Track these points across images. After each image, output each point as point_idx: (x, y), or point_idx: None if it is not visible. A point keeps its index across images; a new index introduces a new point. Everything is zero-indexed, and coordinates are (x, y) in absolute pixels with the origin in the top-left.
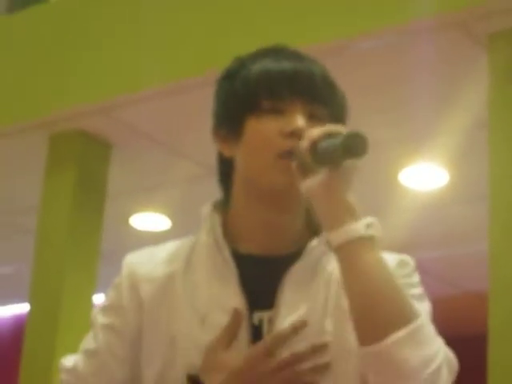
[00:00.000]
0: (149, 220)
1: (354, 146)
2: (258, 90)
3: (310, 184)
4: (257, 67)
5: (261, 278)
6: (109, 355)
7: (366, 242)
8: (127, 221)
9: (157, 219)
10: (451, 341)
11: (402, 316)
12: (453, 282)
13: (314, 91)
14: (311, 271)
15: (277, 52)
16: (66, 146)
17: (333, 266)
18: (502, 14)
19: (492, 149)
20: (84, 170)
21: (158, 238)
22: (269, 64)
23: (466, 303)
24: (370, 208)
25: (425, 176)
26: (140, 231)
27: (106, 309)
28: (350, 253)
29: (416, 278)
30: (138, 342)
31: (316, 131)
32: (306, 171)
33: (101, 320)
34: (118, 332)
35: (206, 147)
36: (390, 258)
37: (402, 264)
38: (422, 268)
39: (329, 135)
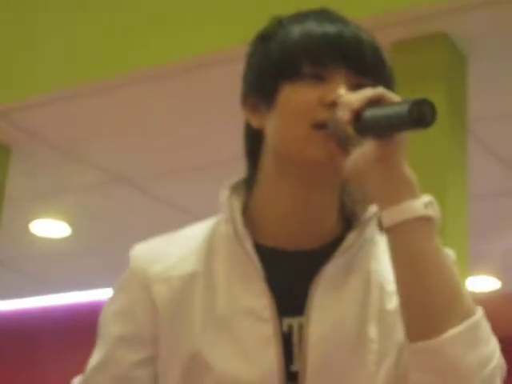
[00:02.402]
0: (48, 226)
1: (424, 115)
2: (297, 54)
3: (358, 157)
4: (297, 29)
5: (289, 277)
6: (128, 368)
7: (425, 223)
8: (27, 227)
9: (56, 226)
10: None
11: (460, 310)
12: None
13: (360, 60)
14: (346, 269)
15: (320, 14)
16: None
17: (373, 264)
18: (405, 24)
19: None
20: None
21: (58, 244)
22: (311, 26)
23: None
24: None
25: None
26: (40, 237)
27: (117, 315)
28: (406, 234)
29: None
30: (156, 349)
31: (356, 99)
32: (345, 144)
33: (113, 330)
34: (134, 340)
35: (108, 154)
36: None
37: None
38: None
39: (372, 103)
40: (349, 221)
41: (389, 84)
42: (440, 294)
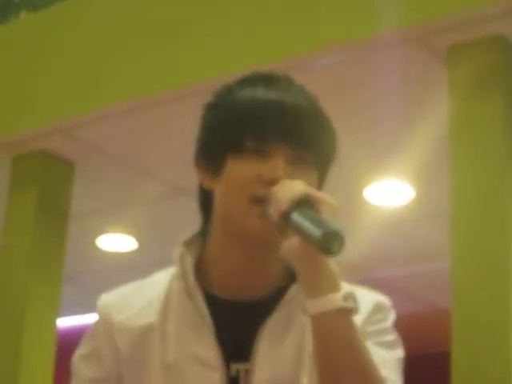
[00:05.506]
0: (115, 241)
1: (331, 246)
2: (242, 130)
3: (288, 248)
4: (243, 97)
5: (237, 326)
6: None
7: (343, 314)
8: (94, 242)
9: (123, 240)
10: (416, 358)
11: None
12: (418, 299)
13: (300, 134)
14: (287, 321)
15: (265, 80)
16: (28, 167)
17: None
18: (462, 27)
19: (453, 164)
20: (47, 191)
21: (125, 259)
22: (256, 95)
23: (431, 320)
24: None
25: (390, 192)
26: (107, 252)
27: (87, 358)
28: (325, 323)
29: (390, 322)
30: None
31: (285, 200)
32: (278, 226)
33: (85, 373)
34: (104, 382)
35: (171, 166)
36: (367, 300)
37: (378, 308)
38: (386, 285)
39: (299, 204)
40: (294, 274)
41: (327, 154)
42: (354, 378)
